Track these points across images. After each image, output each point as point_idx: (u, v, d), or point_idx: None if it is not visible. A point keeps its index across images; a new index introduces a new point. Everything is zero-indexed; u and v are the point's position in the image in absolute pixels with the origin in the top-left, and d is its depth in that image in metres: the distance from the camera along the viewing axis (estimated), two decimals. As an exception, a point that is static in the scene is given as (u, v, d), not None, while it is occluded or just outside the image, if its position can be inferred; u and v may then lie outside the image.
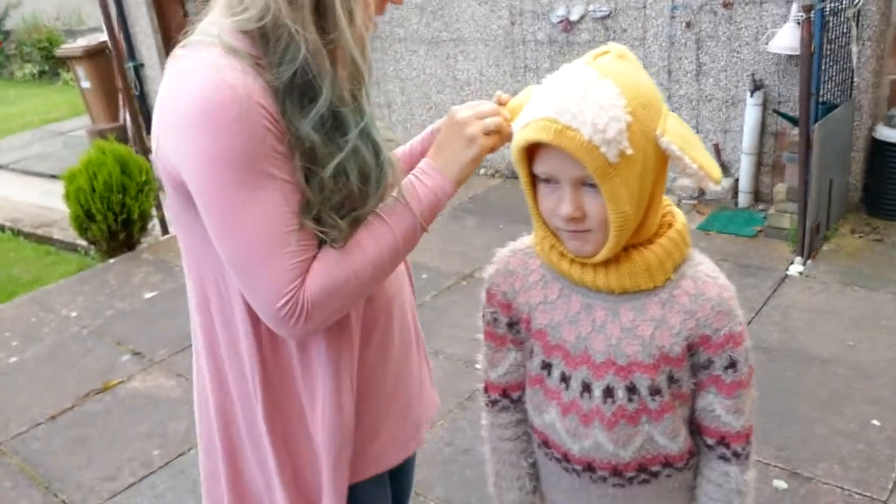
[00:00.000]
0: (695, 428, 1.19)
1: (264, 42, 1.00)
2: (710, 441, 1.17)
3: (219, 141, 0.96)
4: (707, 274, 1.13)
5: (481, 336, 1.31)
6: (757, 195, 4.41)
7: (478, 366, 1.29)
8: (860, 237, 3.99)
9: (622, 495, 1.19)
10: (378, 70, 5.59)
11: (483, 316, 1.28)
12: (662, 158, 1.06)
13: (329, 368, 1.16)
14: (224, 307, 1.15)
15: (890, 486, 2.37)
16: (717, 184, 1.06)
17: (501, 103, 1.23)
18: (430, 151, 1.18)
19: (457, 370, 3.19)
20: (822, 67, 3.54)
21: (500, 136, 1.17)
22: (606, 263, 1.09)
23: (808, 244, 3.75)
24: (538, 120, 1.01)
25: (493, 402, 1.31)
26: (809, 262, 3.75)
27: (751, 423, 1.16)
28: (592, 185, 1.02)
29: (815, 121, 3.57)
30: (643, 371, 1.11)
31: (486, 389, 1.32)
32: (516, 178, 1.20)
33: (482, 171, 5.44)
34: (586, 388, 1.14)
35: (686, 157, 1.04)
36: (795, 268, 3.70)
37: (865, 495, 2.34)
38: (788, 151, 4.03)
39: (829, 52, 3.63)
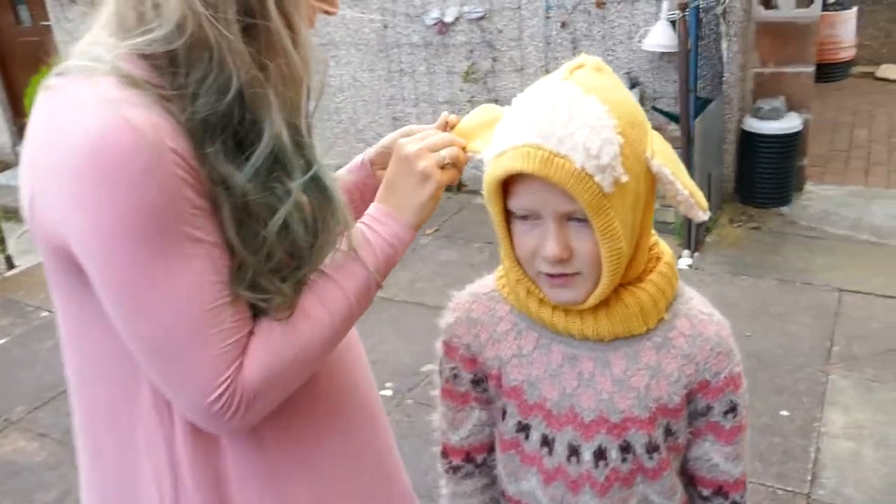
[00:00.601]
0: (687, 479, 1.07)
1: (173, 69, 0.78)
2: (705, 492, 1.05)
3: (123, 199, 0.74)
4: (701, 311, 1.01)
5: (436, 393, 1.14)
6: (638, 191, 4.47)
7: (394, 395, 1.11)
8: (738, 226, 4.13)
9: None
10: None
11: (440, 372, 1.10)
12: (651, 183, 0.93)
13: (273, 463, 0.95)
14: (127, 401, 0.91)
15: (809, 478, 2.40)
16: (706, 212, 0.95)
17: (449, 126, 1.05)
18: (380, 193, 0.99)
19: (362, 399, 2.99)
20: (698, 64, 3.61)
21: (458, 167, 1.00)
22: (595, 308, 0.95)
23: (695, 237, 3.83)
24: (518, 147, 0.84)
25: (455, 469, 1.14)
26: (697, 254, 3.82)
27: (747, 469, 1.06)
28: (580, 220, 0.87)
29: (695, 116, 3.63)
30: (639, 427, 0.97)
31: (444, 454, 1.15)
32: None
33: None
34: (573, 451, 0.99)
35: (678, 182, 0.91)
36: (685, 261, 3.76)
37: (788, 490, 2.36)
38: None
39: (701, 49, 3.71)
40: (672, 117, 3.99)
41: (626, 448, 0.98)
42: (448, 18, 4.55)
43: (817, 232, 3.93)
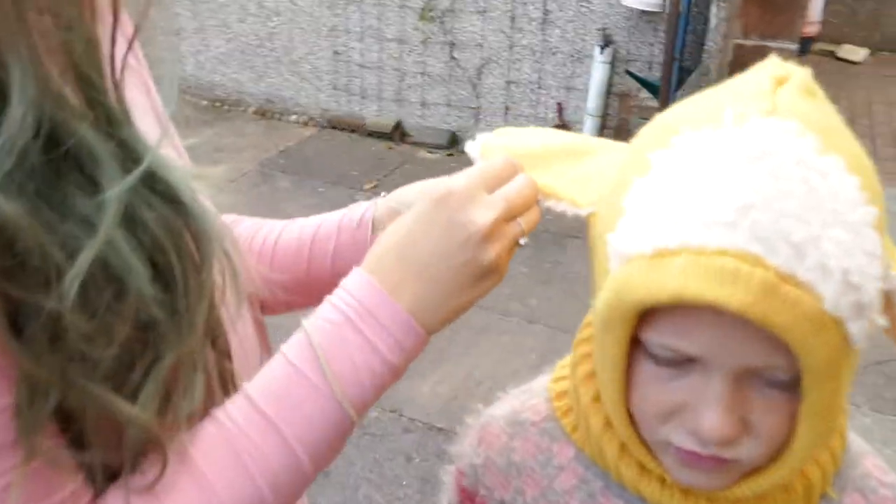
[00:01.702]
0: None
1: None
2: None
3: None
4: (880, 480, 0.64)
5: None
6: (598, 160, 4.12)
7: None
8: (703, 210, 3.84)
9: None
10: (161, -14, 4.55)
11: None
12: None
13: None
14: None
15: None
16: None
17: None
18: (380, 262, 0.56)
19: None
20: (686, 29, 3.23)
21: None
22: (739, 493, 0.56)
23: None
24: (709, 254, 0.43)
25: None
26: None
27: None
28: (777, 380, 0.48)
29: (677, 87, 3.27)
30: None
31: None
32: (335, 127, 0.63)
33: (293, 117, 4.68)
34: None
35: None
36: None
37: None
38: (638, 117, 3.74)
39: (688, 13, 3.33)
40: (647, 85, 3.63)
41: None
42: (406, -56, 3.99)
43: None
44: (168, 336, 0.46)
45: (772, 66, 0.51)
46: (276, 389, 0.52)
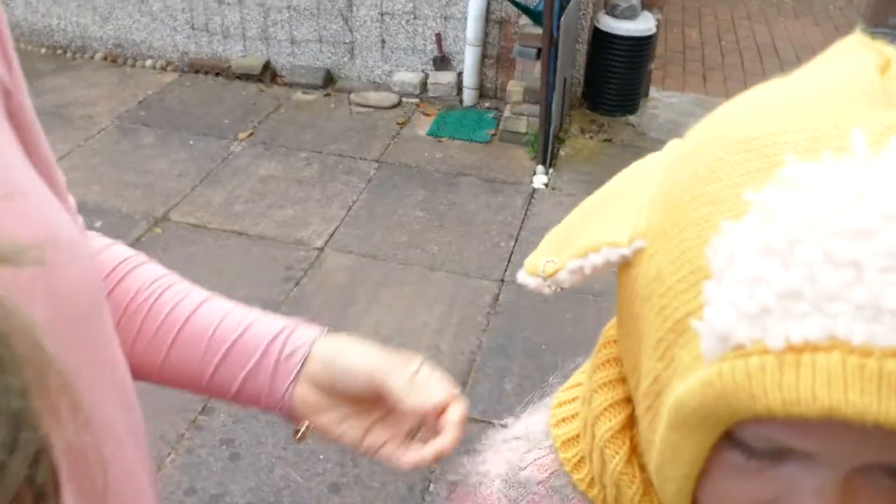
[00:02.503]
0: None
1: None
2: None
3: None
4: None
5: None
6: (482, 91, 4.01)
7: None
8: (590, 138, 3.82)
9: None
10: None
11: None
12: None
13: None
14: None
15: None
16: None
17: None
18: None
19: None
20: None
21: None
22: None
23: (551, 151, 3.47)
24: (883, 355, 0.32)
25: None
26: (552, 171, 3.48)
27: None
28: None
29: (560, 15, 3.18)
30: None
31: None
32: (198, 71, 0.50)
33: (148, 62, 4.26)
34: None
35: None
36: (540, 179, 3.40)
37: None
38: (520, 45, 3.63)
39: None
40: (528, 12, 3.51)
41: None
42: None
43: (671, 147, 3.74)
44: None
45: (866, 49, 0.40)
46: None
